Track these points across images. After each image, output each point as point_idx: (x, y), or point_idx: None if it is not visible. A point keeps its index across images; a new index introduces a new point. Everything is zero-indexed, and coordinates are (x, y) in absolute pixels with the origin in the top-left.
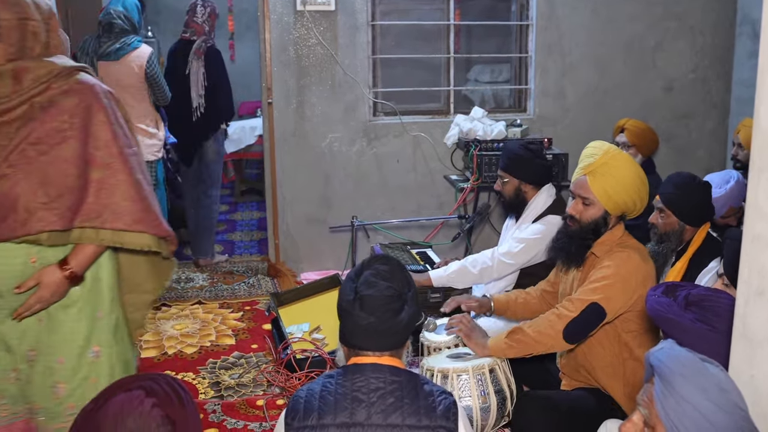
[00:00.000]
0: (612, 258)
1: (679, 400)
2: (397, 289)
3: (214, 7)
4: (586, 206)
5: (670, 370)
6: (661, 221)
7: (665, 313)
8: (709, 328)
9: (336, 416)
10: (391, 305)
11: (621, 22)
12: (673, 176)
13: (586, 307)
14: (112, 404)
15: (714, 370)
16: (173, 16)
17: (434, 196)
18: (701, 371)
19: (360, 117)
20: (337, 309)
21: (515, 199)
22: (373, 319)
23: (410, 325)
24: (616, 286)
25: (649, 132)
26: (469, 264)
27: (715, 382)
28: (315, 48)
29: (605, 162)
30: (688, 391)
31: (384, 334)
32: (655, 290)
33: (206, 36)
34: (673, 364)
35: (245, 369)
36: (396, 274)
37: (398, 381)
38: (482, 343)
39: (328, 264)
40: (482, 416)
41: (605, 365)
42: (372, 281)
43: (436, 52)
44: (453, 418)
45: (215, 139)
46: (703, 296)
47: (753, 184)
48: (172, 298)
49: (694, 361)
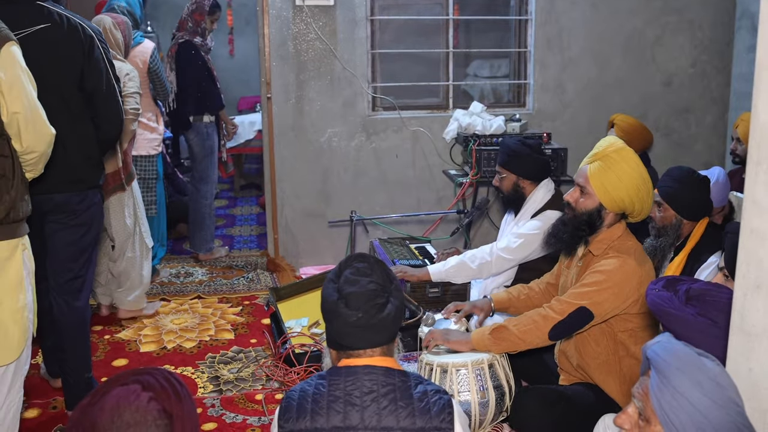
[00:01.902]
0: (608, 262)
1: (674, 393)
2: (380, 283)
3: (202, 5)
4: (582, 196)
5: (667, 364)
6: (658, 215)
7: (666, 308)
8: (710, 323)
9: (329, 420)
10: (376, 300)
11: (620, 16)
12: (673, 170)
13: (574, 310)
14: (109, 398)
15: (710, 364)
16: (173, 11)
17: (433, 190)
18: (697, 365)
19: (359, 112)
20: (322, 312)
21: (514, 195)
22: (361, 314)
23: (397, 318)
24: (608, 291)
25: (639, 128)
26: (468, 259)
27: (711, 376)
28: (314, 43)
29: (608, 155)
30: (684, 385)
31: (373, 329)
32: (656, 284)
33: (186, 32)
34: (669, 357)
35: (244, 363)
36: (375, 269)
37: (392, 383)
38: (463, 339)
39: (327, 259)
40: (480, 411)
41: (600, 363)
42: (353, 279)
43: (435, 46)
44: (448, 419)
45: (196, 133)
46: (704, 290)
47: (751, 178)
48: (171, 293)
49: (691, 355)
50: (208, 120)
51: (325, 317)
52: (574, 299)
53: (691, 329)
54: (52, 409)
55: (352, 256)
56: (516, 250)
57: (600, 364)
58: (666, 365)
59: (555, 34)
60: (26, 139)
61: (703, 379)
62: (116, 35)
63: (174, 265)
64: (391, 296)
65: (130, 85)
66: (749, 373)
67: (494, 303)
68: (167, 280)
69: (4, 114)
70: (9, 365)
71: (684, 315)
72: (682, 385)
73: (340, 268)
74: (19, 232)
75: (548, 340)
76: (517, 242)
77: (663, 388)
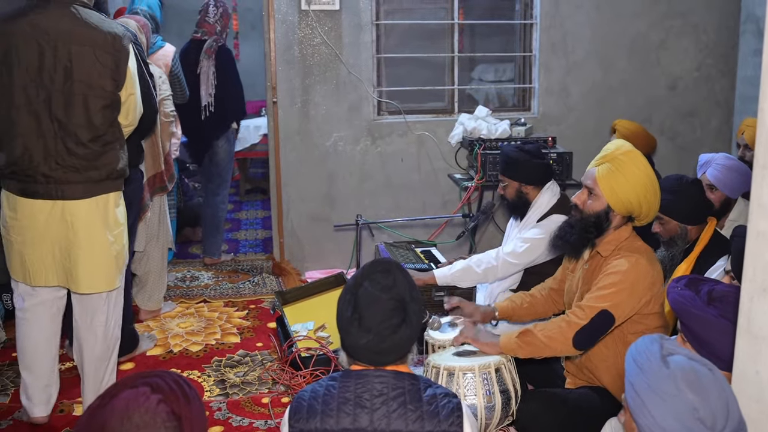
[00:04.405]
0: (620, 263)
1: (635, 396)
2: (398, 300)
3: (226, 8)
4: (590, 198)
5: (633, 363)
6: (662, 228)
7: (689, 307)
8: (731, 325)
9: (339, 421)
10: (391, 320)
11: (625, 20)
12: (660, 182)
13: (596, 314)
14: (118, 401)
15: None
16: (178, 15)
17: (438, 194)
18: (659, 374)
19: (364, 116)
20: (337, 321)
21: (518, 201)
22: (372, 336)
23: (411, 338)
24: (625, 292)
25: (640, 133)
26: (474, 263)
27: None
28: (319, 47)
29: (616, 157)
30: (645, 393)
31: (382, 352)
32: (678, 282)
33: (217, 36)
34: (638, 357)
35: (250, 367)
36: (398, 281)
37: (402, 387)
38: (492, 342)
39: (333, 262)
40: (486, 415)
41: (609, 366)
42: (372, 294)
43: (440, 51)
44: (457, 422)
45: (226, 139)
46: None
47: (757, 181)
48: (177, 297)
49: (658, 362)
50: (235, 126)
51: (338, 327)
52: (594, 303)
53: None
54: (60, 413)
55: (376, 264)
56: (522, 255)
57: (609, 366)
58: (632, 366)
59: (560, 38)
60: (131, 117)
61: (666, 389)
62: (140, 38)
63: (180, 269)
64: (407, 315)
65: (165, 89)
66: (756, 375)
67: (498, 312)
68: (173, 284)
69: (123, 95)
70: (111, 291)
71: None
72: (643, 390)
73: (362, 277)
74: (121, 185)
75: (572, 347)
76: (523, 247)
77: (628, 389)
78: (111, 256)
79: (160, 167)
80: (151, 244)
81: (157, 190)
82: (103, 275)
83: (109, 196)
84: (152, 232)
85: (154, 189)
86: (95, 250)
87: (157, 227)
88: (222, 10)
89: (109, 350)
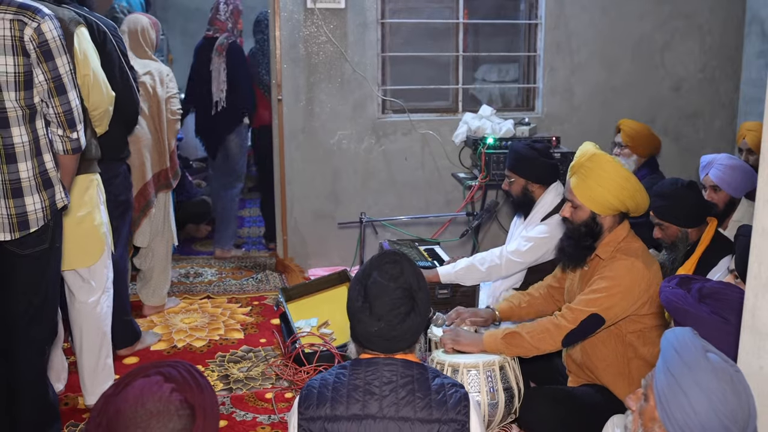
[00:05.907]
0: (615, 266)
1: (673, 385)
2: (407, 288)
3: (237, 5)
4: (574, 209)
5: (674, 354)
6: (662, 233)
7: (680, 305)
8: (723, 321)
9: (348, 408)
10: (400, 309)
11: (629, 21)
12: (656, 188)
13: (585, 318)
14: (132, 389)
15: (727, 370)
16: (181, 13)
17: (442, 193)
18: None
19: (369, 114)
20: (347, 310)
21: (523, 199)
22: (383, 324)
23: (420, 326)
24: (617, 296)
25: (645, 133)
26: (478, 261)
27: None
28: (325, 45)
29: (582, 164)
30: (687, 383)
31: (393, 339)
32: (669, 282)
33: (229, 33)
34: (680, 348)
35: (254, 362)
36: (406, 271)
37: (410, 375)
38: (474, 341)
39: (336, 260)
40: (490, 412)
41: (608, 365)
42: (381, 284)
43: (444, 50)
44: (464, 411)
45: (238, 133)
46: (716, 289)
47: (763, 178)
48: (180, 293)
49: (700, 353)
50: (246, 121)
51: (349, 316)
52: (585, 306)
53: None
54: (65, 405)
55: (384, 255)
56: (526, 254)
57: (608, 365)
58: (672, 355)
59: (564, 38)
60: (93, 98)
61: (711, 385)
62: (152, 35)
63: (183, 266)
64: (416, 303)
65: (172, 86)
66: (760, 371)
67: (499, 313)
68: (177, 280)
69: (78, 76)
70: (93, 266)
71: (698, 312)
72: (685, 382)
73: (371, 267)
74: (92, 168)
75: (561, 346)
76: (526, 245)
77: (663, 378)
78: (80, 235)
79: (166, 164)
80: (155, 240)
81: (161, 187)
82: (75, 253)
83: (77, 178)
84: (157, 228)
85: (158, 186)
86: (66, 229)
87: (162, 223)
88: (232, 6)
89: (96, 334)
